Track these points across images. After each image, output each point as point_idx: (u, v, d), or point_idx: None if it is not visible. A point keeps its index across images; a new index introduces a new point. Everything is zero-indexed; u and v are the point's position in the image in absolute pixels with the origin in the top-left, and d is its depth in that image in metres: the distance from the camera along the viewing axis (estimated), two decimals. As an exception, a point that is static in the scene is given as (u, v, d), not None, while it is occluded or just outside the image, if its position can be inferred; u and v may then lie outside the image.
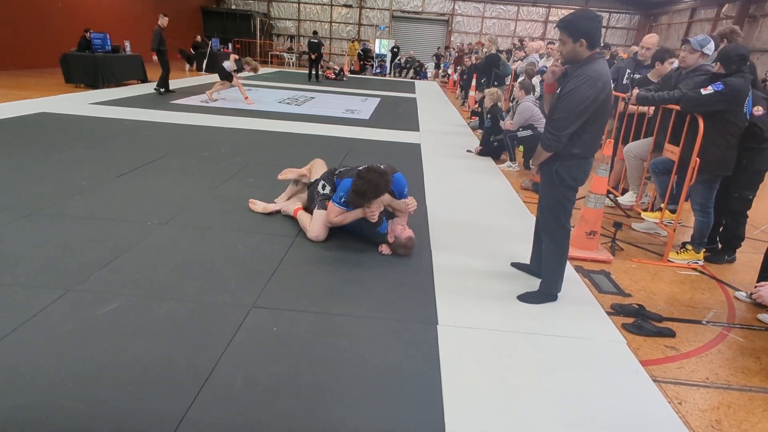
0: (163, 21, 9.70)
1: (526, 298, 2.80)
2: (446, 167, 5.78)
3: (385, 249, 3.22)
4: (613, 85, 5.09)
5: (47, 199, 3.68)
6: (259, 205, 3.78)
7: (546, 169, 2.63)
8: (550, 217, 2.70)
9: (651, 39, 4.82)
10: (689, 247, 3.59)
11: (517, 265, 3.20)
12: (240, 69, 9.24)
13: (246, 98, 9.43)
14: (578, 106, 2.37)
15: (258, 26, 22.60)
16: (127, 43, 11.31)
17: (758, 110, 3.32)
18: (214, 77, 8.82)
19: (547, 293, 2.80)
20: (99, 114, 7.27)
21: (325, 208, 3.26)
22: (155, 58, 9.58)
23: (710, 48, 3.71)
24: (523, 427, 1.83)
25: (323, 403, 1.86)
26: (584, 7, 22.68)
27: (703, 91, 3.31)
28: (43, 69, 12.18)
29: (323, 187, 3.37)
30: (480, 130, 7.85)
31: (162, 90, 9.76)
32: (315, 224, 3.30)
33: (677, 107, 3.65)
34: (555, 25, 2.67)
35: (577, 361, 2.27)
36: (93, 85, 9.86)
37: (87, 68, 9.88)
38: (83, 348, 2.05)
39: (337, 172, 3.40)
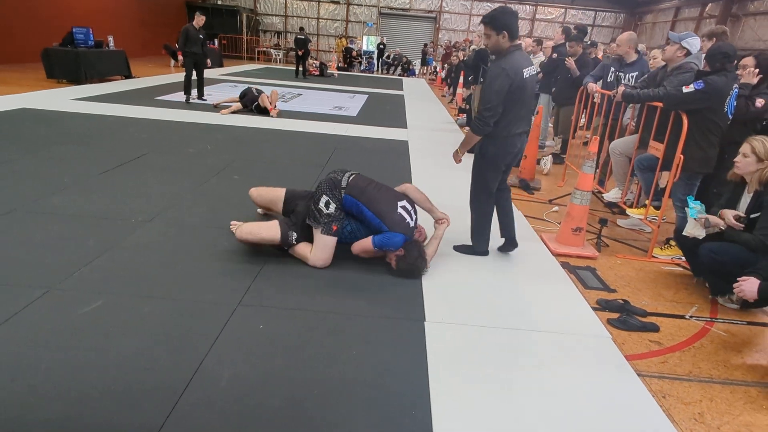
0: (198, 20, 8.36)
1: (461, 249, 3.33)
2: (433, 164, 5.79)
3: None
4: (600, 83, 5.18)
5: (28, 196, 3.61)
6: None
7: (477, 147, 3.06)
8: (473, 186, 3.18)
9: (621, 37, 5.03)
10: (673, 242, 3.64)
11: (501, 249, 3.41)
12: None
13: (223, 111, 7.97)
14: (498, 96, 2.77)
15: (244, 22, 22.37)
16: (110, 39, 11.12)
17: (760, 102, 3.36)
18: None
19: (475, 249, 3.31)
20: (82, 110, 7.14)
21: (331, 231, 2.88)
22: (180, 57, 8.57)
23: (690, 43, 3.76)
24: (509, 421, 1.84)
25: (310, 400, 1.85)
26: (568, 6, 22.89)
27: (685, 89, 3.37)
28: (24, 64, 11.92)
29: (327, 205, 2.89)
30: (467, 128, 7.86)
31: (191, 98, 8.64)
32: (322, 251, 2.89)
33: (661, 104, 3.70)
34: (480, 21, 3.00)
35: (563, 356, 2.29)
36: (75, 80, 9.67)
37: (69, 63, 9.68)
38: (65, 347, 2.01)
39: (343, 186, 2.92)
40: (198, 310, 2.36)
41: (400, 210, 2.92)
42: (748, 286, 2.36)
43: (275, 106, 8.21)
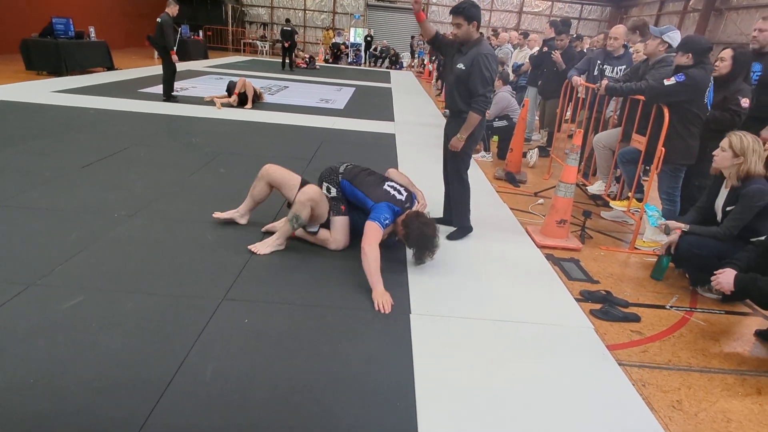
0: (173, 9, 7.61)
1: (452, 236, 3.45)
2: (420, 157, 5.79)
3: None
4: (584, 77, 5.21)
5: (8, 190, 3.54)
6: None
7: (453, 128, 3.31)
8: (459, 166, 3.40)
9: (618, 30, 4.95)
10: (655, 234, 3.69)
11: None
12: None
13: (218, 106, 7.82)
14: (494, 78, 3.13)
15: (229, 13, 22.07)
16: (91, 29, 10.90)
17: (745, 102, 3.41)
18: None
19: (464, 227, 3.51)
20: (62, 102, 7.01)
21: (341, 211, 3.07)
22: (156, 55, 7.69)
23: (671, 37, 3.81)
24: (493, 411, 1.86)
25: (295, 394, 1.85)
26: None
27: (666, 82, 3.42)
28: (2, 55, 11.64)
29: (328, 190, 3.12)
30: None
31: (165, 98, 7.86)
32: (338, 232, 3.07)
33: (644, 97, 3.74)
34: (450, 11, 3.20)
35: (546, 346, 2.32)
36: (56, 72, 9.48)
37: (49, 55, 9.47)
38: (46, 343, 1.98)
39: (340, 172, 3.14)
40: (182, 304, 2.35)
41: (386, 187, 3.02)
42: (724, 278, 2.41)
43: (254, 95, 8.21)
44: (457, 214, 3.51)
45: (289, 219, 2.94)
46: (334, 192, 3.11)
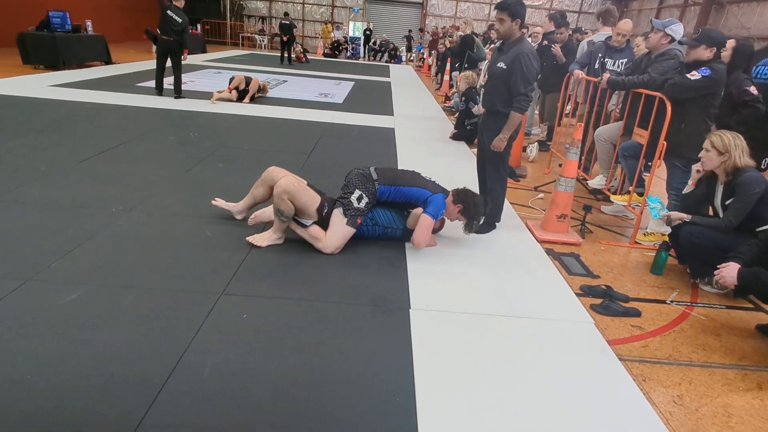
0: (181, 2, 7.38)
1: (481, 230, 3.43)
2: (420, 151, 5.77)
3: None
4: (585, 70, 5.17)
5: (4, 185, 3.52)
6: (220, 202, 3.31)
7: (488, 126, 3.39)
8: (499, 164, 3.45)
9: (625, 25, 4.87)
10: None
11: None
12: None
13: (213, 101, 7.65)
14: (535, 76, 3.14)
15: (228, 6, 21.95)
16: (88, 23, 10.82)
17: (754, 89, 3.39)
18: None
19: (493, 223, 3.58)
20: (60, 97, 6.97)
21: (355, 224, 2.95)
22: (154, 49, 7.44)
23: (674, 30, 3.76)
24: (493, 407, 1.85)
25: (295, 389, 1.84)
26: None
27: (692, 77, 3.33)
28: (-2, 49, 11.58)
29: (359, 199, 2.97)
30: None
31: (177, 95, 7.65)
32: (338, 239, 2.95)
33: (646, 91, 3.71)
34: (495, 6, 3.24)
35: (546, 341, 2.31)
36: (53, 66, 9.42)
37: (46, 49, 9.41)
38: (44, 339, 1.97)
39: (375, 179, 3.04)
40: (180, 299, 2.33)
41: (430, 178, 3.19)
42: (727, 272, 2.39)
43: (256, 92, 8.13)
44: (494, 209, 3.53)
45: (275, 214, 2.94)
46: (363, 203, 2.98)
